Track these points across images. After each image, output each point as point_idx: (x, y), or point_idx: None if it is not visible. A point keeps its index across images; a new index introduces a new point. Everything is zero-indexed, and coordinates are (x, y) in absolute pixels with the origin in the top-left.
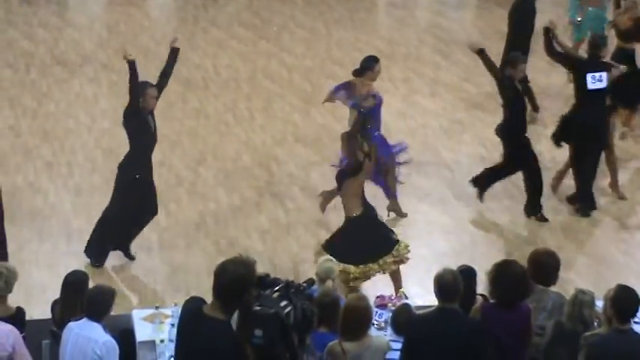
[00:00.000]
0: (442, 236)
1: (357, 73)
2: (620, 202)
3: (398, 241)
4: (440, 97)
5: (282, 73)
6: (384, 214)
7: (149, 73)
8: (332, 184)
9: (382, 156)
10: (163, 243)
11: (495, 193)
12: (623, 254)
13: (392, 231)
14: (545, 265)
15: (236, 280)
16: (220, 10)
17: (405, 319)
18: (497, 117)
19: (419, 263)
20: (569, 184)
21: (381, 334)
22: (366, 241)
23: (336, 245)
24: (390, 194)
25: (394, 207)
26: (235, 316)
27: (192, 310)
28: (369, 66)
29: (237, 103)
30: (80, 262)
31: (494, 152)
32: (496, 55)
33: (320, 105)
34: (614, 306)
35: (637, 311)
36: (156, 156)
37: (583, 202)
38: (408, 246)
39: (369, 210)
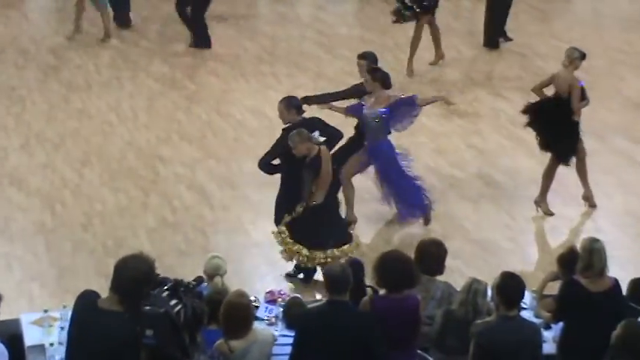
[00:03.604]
0: None
1: None
2: (502, 189)
3: (350, 237)
4: (323, 92)
5: (165, 71)
6: None
7: (29, 76)
8: (218, 181)
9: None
10: (50, 245)
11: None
12: (508, 240)
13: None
14: (432, 255)
15: (137, 274)
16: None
17: (296, 313)
18: None
19: None
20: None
21: (272, 329)
22: (323, 229)
23: (295, 227)
24: None
25: None
26: None
27: (86, 303)
28: None
29: (120, 103)
30: None
31: None
32: (380, 45)
33: (204, 102)
34: (500, 293)
35: (523, 297)
36: (40, 158)
37: None
38: (358, 245)
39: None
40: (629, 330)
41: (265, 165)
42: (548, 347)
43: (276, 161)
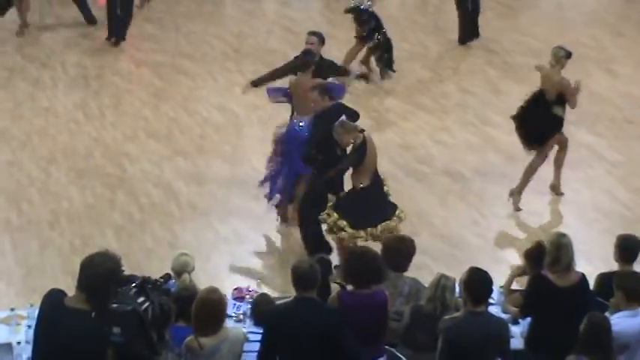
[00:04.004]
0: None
1: None
2: (470, 184)
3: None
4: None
5: (131, 69)
6: None
7: None
8: (185, 178)
9: None
10: (17, 244)
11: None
12: (476, 236)
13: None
14: (399, 251)
15: (103, 272)
16: (66, 7)
17: (264, 310)
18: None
19: (274, 253)
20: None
21: (240, 326)
22: (372, 207)
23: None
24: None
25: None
26: None
27: (53, 302)
28: None
29: (87, 101)
30: None
31: None
32: (346, 43)
33: (171, 100)
34: (468, 289)
35: (490, 293)
36: (6, 156)
37: None
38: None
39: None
40: (592, 322)
41: (309, 158)
42: (516, 342)
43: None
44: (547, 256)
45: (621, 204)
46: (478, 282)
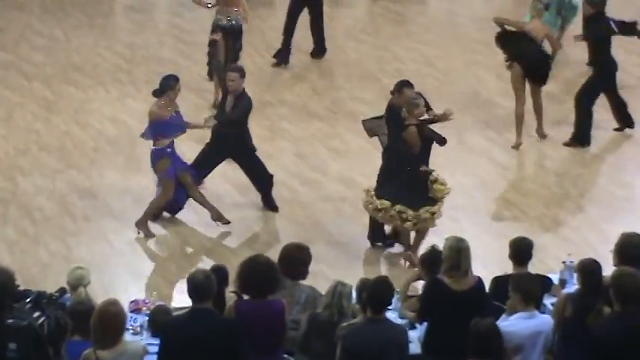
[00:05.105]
0: (191, 233)
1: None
2: (359, 192)
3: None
4: (182, 97)
5: (22, 82)
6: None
7: None
8: (79, 191)
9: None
10: None
11: (245, 185)
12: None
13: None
14: (296, 260)
15: None
16: None
17: (161, 320)
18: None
19: (170, 264)
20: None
21: (137, 338)
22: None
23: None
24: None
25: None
26: None
27: None
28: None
29: None
30: None
31: None
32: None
33: (63, 112)
34: (367, 296)
35: (390, 300)
36: None
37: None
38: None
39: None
40: (476, 332)
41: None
42: (414, 347)
43: None
44: (445, 261)
45: (515, 207)
46: (378, 289)
